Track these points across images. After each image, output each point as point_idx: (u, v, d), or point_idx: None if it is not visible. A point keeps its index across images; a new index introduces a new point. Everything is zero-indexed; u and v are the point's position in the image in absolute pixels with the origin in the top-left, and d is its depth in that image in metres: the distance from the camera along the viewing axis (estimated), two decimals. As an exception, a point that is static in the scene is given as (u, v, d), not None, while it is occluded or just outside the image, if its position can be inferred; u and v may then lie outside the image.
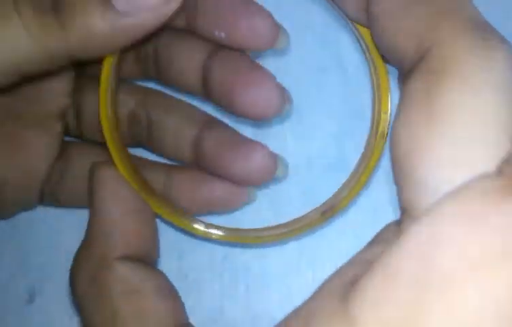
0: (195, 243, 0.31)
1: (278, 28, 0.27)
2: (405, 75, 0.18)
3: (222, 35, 0.26)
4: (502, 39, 0.17)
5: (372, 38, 0.22)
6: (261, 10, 0.26)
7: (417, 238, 0.13)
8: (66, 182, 0.29)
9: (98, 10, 0.23)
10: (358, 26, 0.23)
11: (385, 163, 0.20)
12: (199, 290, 0.24)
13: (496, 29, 0.17)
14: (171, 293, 0.24)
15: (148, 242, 0.25)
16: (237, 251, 0.32)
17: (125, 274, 0.24)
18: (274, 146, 0.31)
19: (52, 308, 0.31)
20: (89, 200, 0.25)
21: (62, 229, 0.32)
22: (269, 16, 0.26)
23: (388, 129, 0.23)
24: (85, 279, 0.24)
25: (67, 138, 0.30)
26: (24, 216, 0.32)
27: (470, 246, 0.12)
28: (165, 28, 0.25)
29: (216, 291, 0.31)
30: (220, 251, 0.32)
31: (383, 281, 0.13)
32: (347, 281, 0.14)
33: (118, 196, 0.25)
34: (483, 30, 0.17)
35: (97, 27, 0.23)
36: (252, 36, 0.26)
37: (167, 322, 0.23)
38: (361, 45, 0.24)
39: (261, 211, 0.31)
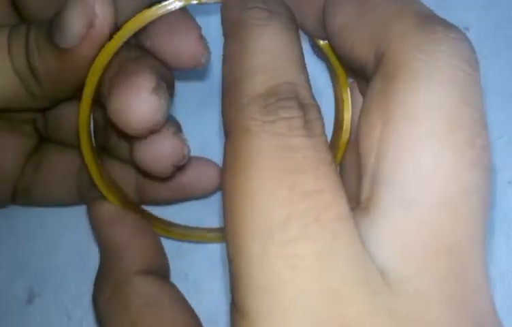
0: (195, 243, 0.31)
1: (201, 50, 0.25)
2: (368, 81, 0.19)
3: (148, 43, 0.25)
4: (448, 27, 0.18)
5: (333, 50, 0.24)
6: (190, 30, 0.25)
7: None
8: (39, 179, 0.29)
9: (48, 54, 0.24)
10: (317, 40, 0.24)
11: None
12: (199, 290, 0.24)
13: (442, 19, 0.18)
14: (186, 306, 0.25)
15: (158, 256, 0.26)
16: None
17: (143, 288, 0.24)
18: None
19: (51, 309, 0.31)
20: (94, 234, 0.26)
21: (62, 231, 0.32)
22: (196, 37, 0.25)
23: (349, 125, 0.26)
24: (105, 296, 0.24)
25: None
26: (23, 218, 0.32)
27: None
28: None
29: (216, 291, 0.31)
30: (220, 251, 0.32)
31: None
32: None
33: (119, 222, 0.26)
34: (429, 23, 0.18)
35: (52, 69, 0.24)
36: (173, 53, 0.25)
37: None
38: (322, 57, 0.25)
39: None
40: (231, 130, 0.18)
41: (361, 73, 0.20)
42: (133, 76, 0.23)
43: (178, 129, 0.26)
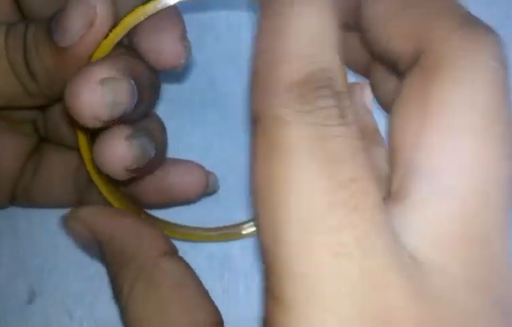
0: (195, 244, 0.31)
1: (180, 50, 0.25)
2: (402, 73, 0.19)
3: (135, 39, 0.25)
4: (488, 29, 0.18)
5: (364, 42, 0.23)
6: (172, 28, 0.25)
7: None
8: (38, 179, 0.29)
9: (46, 52, 0.24)
10: None
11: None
12: (199, 290, 0.24)
13: (482, 21, 0.19)
14: (206, 292, 0.25)
15: (171, 241, 0.26)
16: (238, 251, 0.32)
17: (171, 269, 0.24)
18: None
19: (52, 308, 0.31)
20: (97, 235, 0.26)
21: (62, 231, 0.32)
22: (177, 36, 0.25)
23: None
24: (129, 280, 0.24)
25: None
26: (24, 217, 0.32)
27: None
28: None
29: (216, 292, 0.31)
30: (220, 251, 0.31)
31: None
32: None
33: (120, 217, 0.26)
34: (472, 25, 0.18)
35: (50, 67, 0.24)
36: (153, 51, 0.25)
37: (211, 319, 0.23)
38: None
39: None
40: (262, 117, 0.18)
41: (391, 67, 0.21)
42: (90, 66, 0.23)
43: (134, 133, 0.25)
